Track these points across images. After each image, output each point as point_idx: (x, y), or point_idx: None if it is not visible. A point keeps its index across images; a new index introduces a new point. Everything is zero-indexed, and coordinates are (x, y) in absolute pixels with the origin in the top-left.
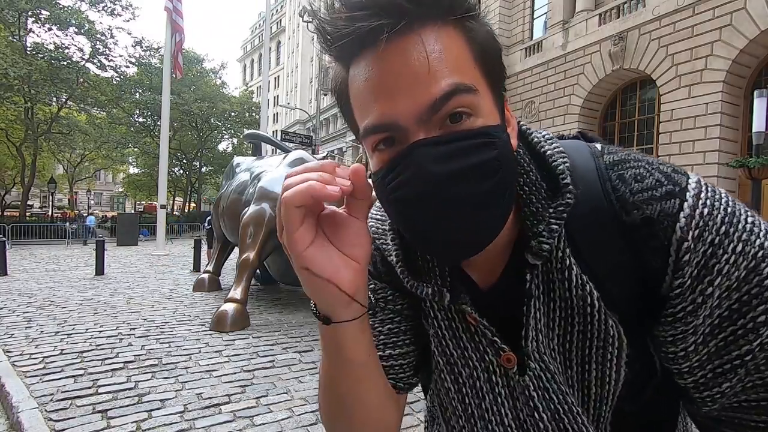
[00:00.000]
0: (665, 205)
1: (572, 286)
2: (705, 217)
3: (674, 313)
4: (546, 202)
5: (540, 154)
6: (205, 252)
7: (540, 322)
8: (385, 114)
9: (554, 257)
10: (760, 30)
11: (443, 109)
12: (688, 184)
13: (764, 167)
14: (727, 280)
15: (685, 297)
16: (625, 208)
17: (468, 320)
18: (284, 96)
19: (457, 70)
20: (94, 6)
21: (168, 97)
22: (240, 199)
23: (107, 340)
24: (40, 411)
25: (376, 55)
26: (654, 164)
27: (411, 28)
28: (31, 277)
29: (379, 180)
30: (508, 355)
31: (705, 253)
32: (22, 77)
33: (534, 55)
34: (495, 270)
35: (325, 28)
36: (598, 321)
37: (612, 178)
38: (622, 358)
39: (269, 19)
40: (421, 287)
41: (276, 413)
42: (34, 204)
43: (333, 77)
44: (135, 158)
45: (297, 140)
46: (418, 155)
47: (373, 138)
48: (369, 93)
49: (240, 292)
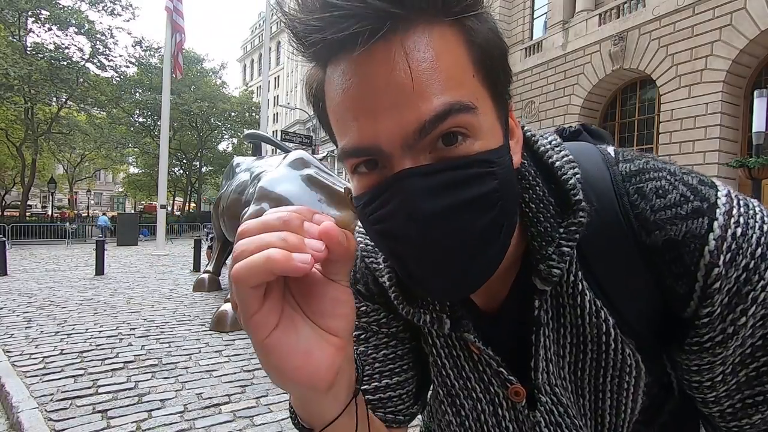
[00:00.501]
0: (692, 225)
1: (585, 313)
2: (738, 239)
3: (700, 343)
4: (555, 220)
5: (548, 166)
6: (205, 252)
7: (550, 351)
8: (365, 136)
9: (565, 281)
10: (760, 30)
11: (434, 132)
12: (718, 199)
13: (764, 167)
14: (763, 309)
15: (714, 326)
16: (645, 227)
17: (471, 348)
18: (284, 96)
19: (452, 82)
20: (94, 6)
21: (168, 97)
22: (240, 199)
23: (107, 340)
24: (40, 411)
25: (353, 62)
26: (677, 174)
27: (395, 32)
28: (31, 277)
29: (361, 207)
30: (517, 387)
31: (738, 279)
32: (22, 77)
33: (534, 55)
34: (499, 293)
35: (296, 26)
36: (614, 350)
37: (630, 192)
38: (639, 387)
39: (269, 19)
40: (417, 314)
41: (276, 413)
42: (34, 204)
43: (308, 78)
44: (135, 158)
45: (297, 140)
46: (404, 187)
47: (351, 161)
48: (346, 108)
49: None
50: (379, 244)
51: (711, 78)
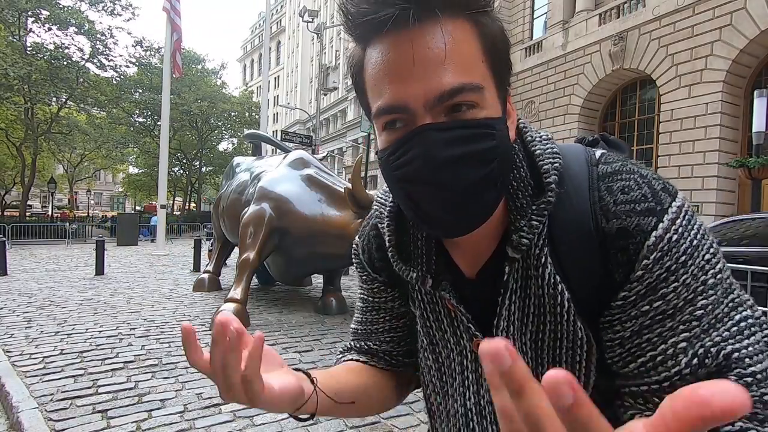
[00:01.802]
0: (642, 221)
1: (545, 283)
2: (671, 243)
3: (611, 320)
4: (531, 199)
5: (531, 153)
6: (205, 252)
7: (514, 315)
8: (398, 97)
9: (533, 254)
10: (760, 30)
11: (450, 101)
12: (670, 207)
13: (764, 167)
14: (665, 306)
15: (624, 309)
16: (606, 215)
17: (448, 305)
18: (284, 96)
19: (467, 66)
20: (94, 6)
21: (168, 97)
22: (240, 199)
23: (107, 340)
24: (40, 411)
25: (395, 39)
26: (647, 178)
27: (431, 18)
28: (31, 277)
29: (385, 157)
30: (479, 341)
31: (659, 276)
32: (22, 77)
33: (534, 55)
34: (480, 259)
35: (348, 8)
36: (567, 321)
37: (601, 188)
38: (591, 362)
39: (269, 19)
40: (407, 271)
41: (276, 413)
42: (34, 204)
43: (350, 56)
44: (135, 158)
45: (297, 140)
46: (425, 138)
47: (384, 118)
48: (384, 75)
49: (240, 292)
50: (396, 191)
51: (711, 78)
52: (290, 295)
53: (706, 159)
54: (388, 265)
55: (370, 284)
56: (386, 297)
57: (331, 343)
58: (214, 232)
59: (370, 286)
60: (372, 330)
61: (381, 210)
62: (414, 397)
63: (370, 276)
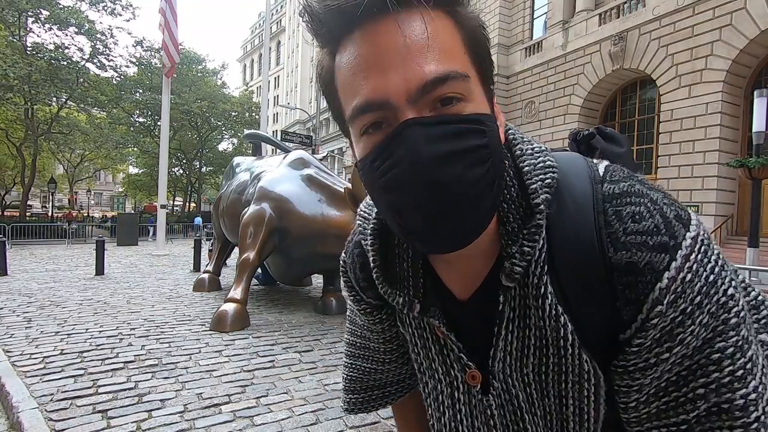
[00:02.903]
0: (654, 258)
1: (545, 315)
2: (685, 284)
3: (625, 366)
4: (522, 222)
5: (520, 169)
6: (205, 252)
7: (512, 345)
8: (377, 90)
9: (530, 282)
10: (760, 30)
11: (435, 92)
12: (684, 240)
13: (764, 167)
14: (685, 349)
15: (640, 355)
16: (614, 245)
17: (437, 333)
18: (284, 96)
19: (449, 54)
20: (94, 6)
21: (168, 97)
22: (240, 199)
23: (107, 340)
24: (40, 411)
25: (368, 30)
26: (657, 203)
27: (401, 9)
28: (31, 277)
29: (368, 165)
30: (474, 372)
31: (674, 320)
32: (22, 77)
33: (534, 55)
34: (473, 281)
35: (312, 6)
36: (572, 355)
37: (608, 212)
38: (600, 395)
39: (269, 19)
40: (393, 295)
41: (276, 413)
42: (34, 204)
43: (318, 65)
44: (135, 158)
45: (297, 140)
46: (409, 134)
47: (361, 119)
48: (359, 71)
49: (240, 292)
50: (381, 202)
51: (711, 78)
52: (290, 295)
53: (706, 159)
54: (374, 285)
55: (362, 305)
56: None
57: (331, 343)
58: (214, 232)
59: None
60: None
61: (364, 225)
62: None
63: (359, 297)
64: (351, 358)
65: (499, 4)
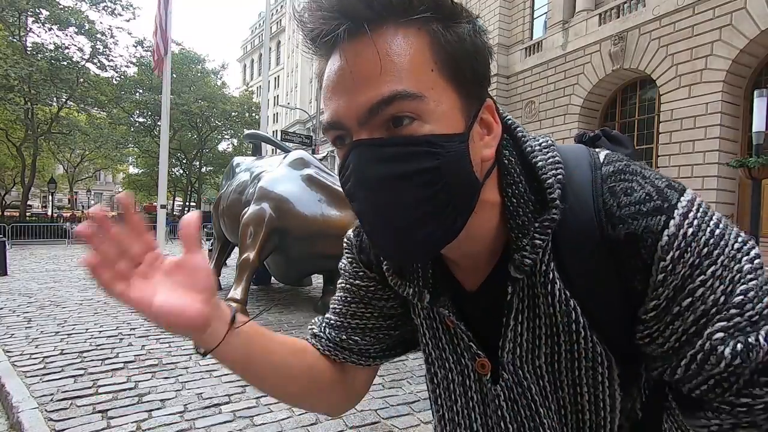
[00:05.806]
0: (650, 222)
1: (555, 301)
2: (688, 237)
3: (650, 334)
4: (533, 215)
5: (531, 165)
6: (205, 252)
7: (522, 337)
8: (335, 112)
9: (538, 271)
10: (760, 30)
11: (383, 113)
12: (679, 201)
13: (764, 167)
14: (702, 304)
15: (660, 318)
16: (611, 221)
17: (447, 323)
18: (284, 96)
19: (403, 74)
20: (94, 6)
21: (168, 97)
22: (240, 199)
23: (107, 340)
24: (40, 411)
25: (338, 53)
26: (649, 177)
27: (367, 31)
28: (31, 277)
29: (340, 174)
30: (483, 361)
31: (683, 275)
32: (22, 77)
33: (534, 55)
34: (480, 274)
35: (303, 24)
36: (584, 339)
37: (604, 192)
38: (614, 379)
39: (269, 19)
40: (403, 286)
41: (276, 413)
42: (34, 204)
43: (316, 68)
44: (135, 158)
45: (297, 140)
46: (355, 155)
47: (329, 134)
48: (327, 90)
49: (240, 292)
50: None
51: (711, 78)
52: (290, 295)
53: (706, 159)
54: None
55: (365, 281)
56: (380, 295)
57: None
58: (214, 232)
59: (364, 283)
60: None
61: None
62: (414, 398)
63: (366, 275)
64: (341, 304)
65: (499, 4)
